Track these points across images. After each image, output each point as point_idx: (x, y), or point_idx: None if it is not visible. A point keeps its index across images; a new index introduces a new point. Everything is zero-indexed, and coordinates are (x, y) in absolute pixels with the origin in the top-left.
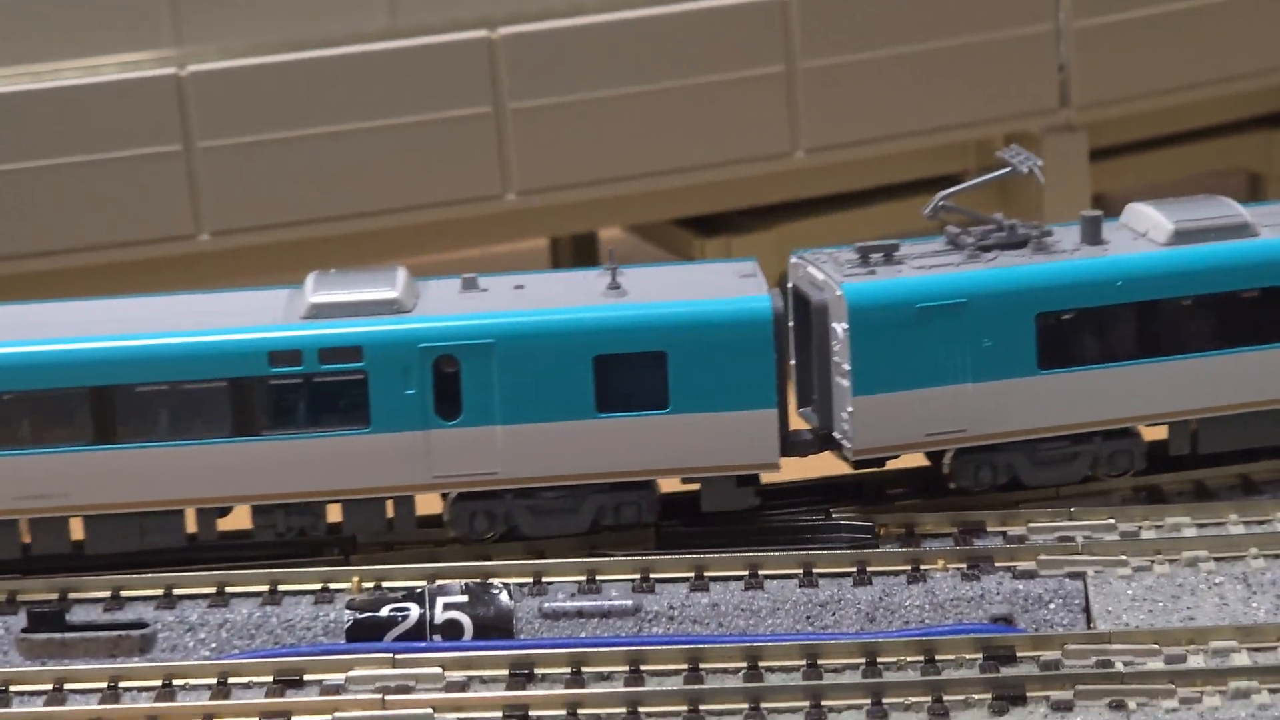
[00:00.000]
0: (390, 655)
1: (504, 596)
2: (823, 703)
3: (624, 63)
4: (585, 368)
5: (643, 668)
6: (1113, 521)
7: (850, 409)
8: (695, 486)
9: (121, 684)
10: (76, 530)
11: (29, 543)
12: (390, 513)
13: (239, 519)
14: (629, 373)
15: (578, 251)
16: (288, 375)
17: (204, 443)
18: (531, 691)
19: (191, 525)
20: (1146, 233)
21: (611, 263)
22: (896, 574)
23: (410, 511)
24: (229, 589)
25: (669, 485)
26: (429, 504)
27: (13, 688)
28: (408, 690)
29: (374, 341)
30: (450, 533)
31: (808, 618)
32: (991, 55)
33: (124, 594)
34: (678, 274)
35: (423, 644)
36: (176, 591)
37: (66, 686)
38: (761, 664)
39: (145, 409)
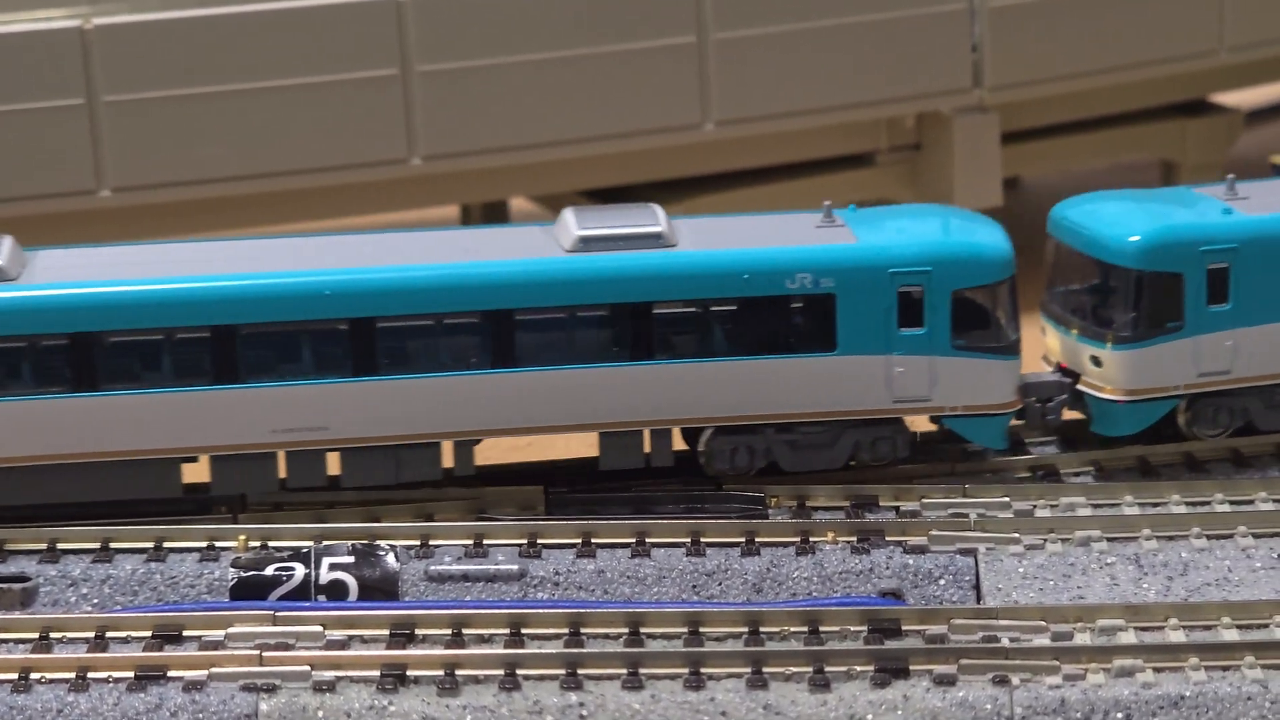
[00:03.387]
0: (271, 613)
1: (390, 558)
2: (702, 670)
3: (535, 29)
4: None
5: (524, 631)
6: (1007, 499)
7: None
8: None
9: None
10: None
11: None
12: None
13: None
14: None
15: (489, 221)
16: None
17: None
18: (410, 651)
19: None
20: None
21: None
22: (785, 545)
23: None
24: (114, 544)
25: (562, 451)
26: None
27: None
28: (287, 647)
29: None
30: None
31: (694, 586)
32: (905, 33)
33: (8, 548)
34: None
35: (305, 603)
36: (60, 546)
37: None
38: (643, 630)
39: None
